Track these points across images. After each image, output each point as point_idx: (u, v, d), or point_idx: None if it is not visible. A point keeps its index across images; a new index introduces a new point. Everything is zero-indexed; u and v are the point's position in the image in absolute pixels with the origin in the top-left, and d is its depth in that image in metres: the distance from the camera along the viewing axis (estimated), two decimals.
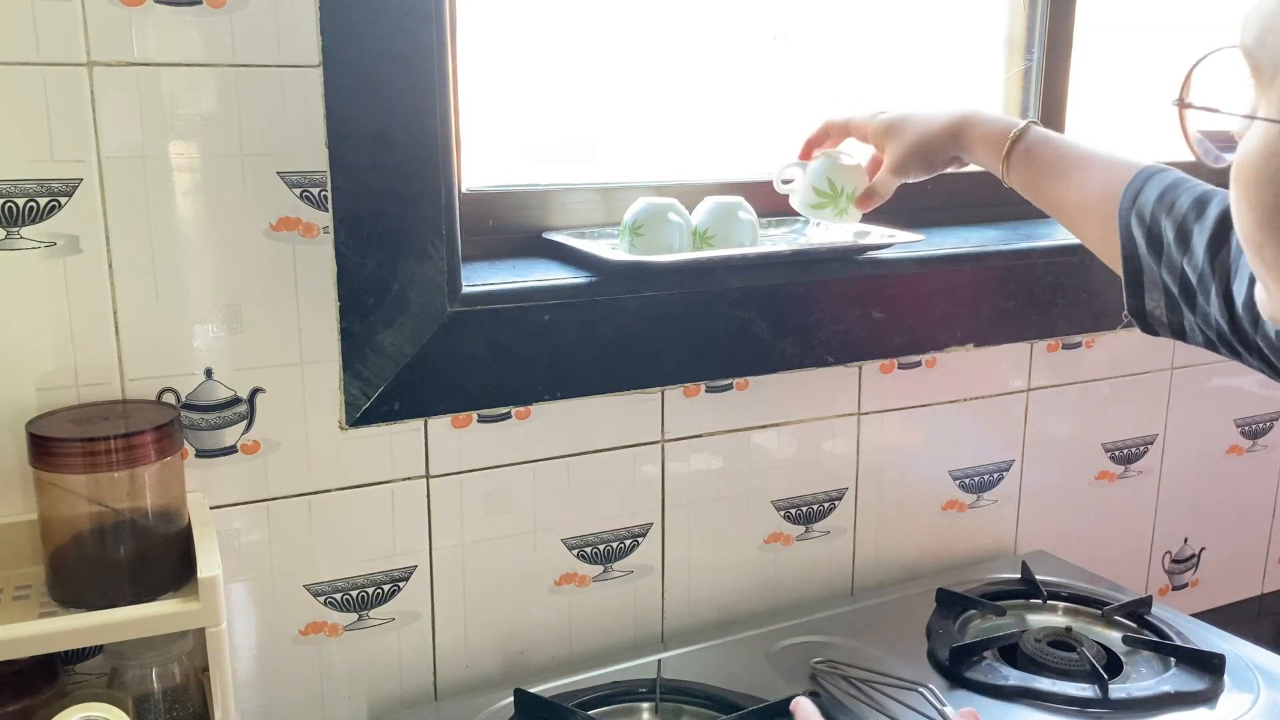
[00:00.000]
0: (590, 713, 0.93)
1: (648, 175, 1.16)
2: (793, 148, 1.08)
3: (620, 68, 1.14)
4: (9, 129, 0.78)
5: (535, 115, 1.11)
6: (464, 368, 0.94)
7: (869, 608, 1.16)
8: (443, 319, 0.92)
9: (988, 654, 1.03)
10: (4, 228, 0.79)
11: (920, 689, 0.96)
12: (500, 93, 1.08)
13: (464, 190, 1.01)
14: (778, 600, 1.17)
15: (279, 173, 0.86)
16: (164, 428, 0.77)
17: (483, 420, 0.99)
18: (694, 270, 1.02)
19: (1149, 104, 1.47)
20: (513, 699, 0.94)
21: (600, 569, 1.07)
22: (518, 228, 1.09)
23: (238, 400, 0.89)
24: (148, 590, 0.76)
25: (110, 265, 0.82)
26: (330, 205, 0.88)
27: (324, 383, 0.91)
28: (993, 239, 1.24)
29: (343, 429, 0.92)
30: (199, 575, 0.73)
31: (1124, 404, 1.35)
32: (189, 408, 0.87)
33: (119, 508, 0.76)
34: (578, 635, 1.08)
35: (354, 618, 0.97)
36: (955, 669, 1.00)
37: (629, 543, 1.08)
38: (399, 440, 0.95)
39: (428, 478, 0.97)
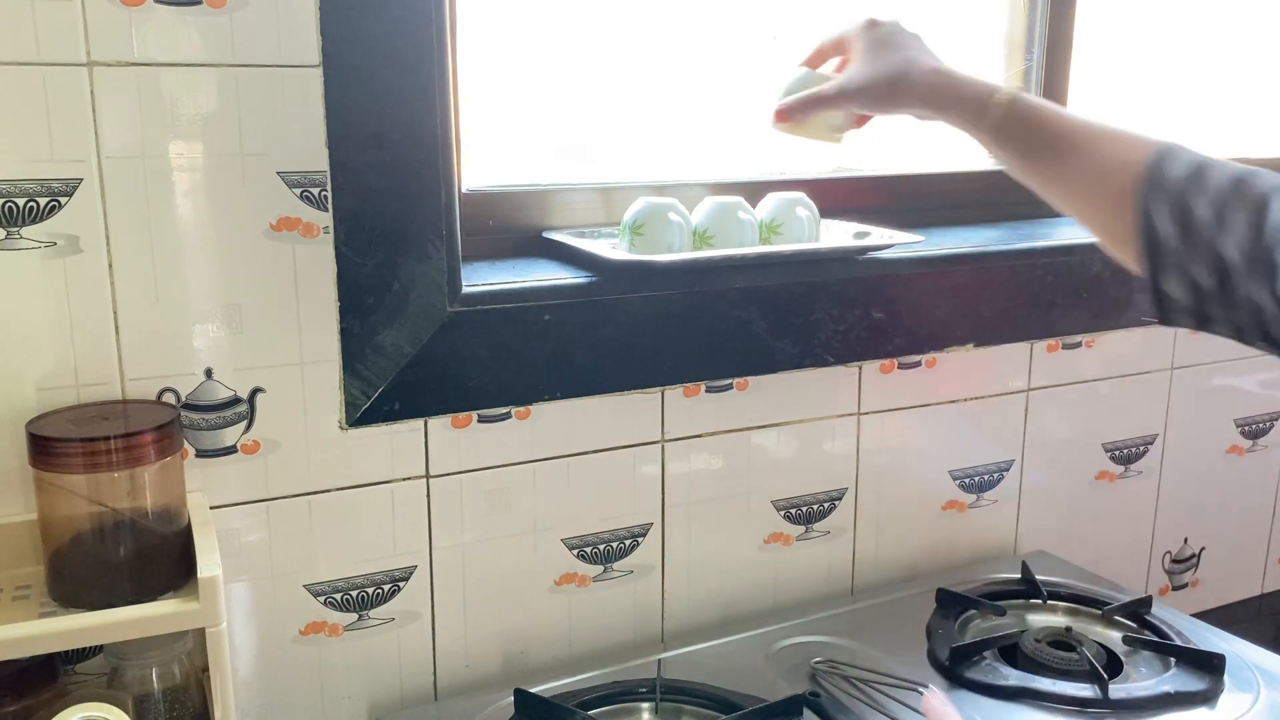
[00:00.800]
0: (590, 713, 0.93)
1: (648, 175, 1.16)
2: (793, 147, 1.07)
3: (620, 68, 1.14)
4: (9, 129, 0.78)
5: (535, 115, 1.11)
6: (464, 368, 0.94)
7: (869, 608, 1.16)
8: (443, 319, 0.92)
9: (988, 654, 1.03)
10: (4, 228, 0.79)
11: (920, 689, 0.96)
12: (500, 93, 1.08)
13: (464, 190, 1.01)
14: (778, 600, 1.17)
15: (279, 173, 0.86)
16: (164, 428, 0.77)
17: (483, 420, 0.99)
18: (694, 270, 1.02)
19: (1149, 104, 1.48)
20: (513, 699, 0.94)
21: (600, 569, 1.07)
22: (518, 228, 1.10)
23: (238, 400, 0.89)
24: (148, 590, 0.76)
25: (110, 265, 0.82)
26: (330, 205, 0.88)
27: (324, 383, 0.91)
28: (993, 239, 1.24)
29: (343, 429, 0.92)
30: (199, 575, 0.73)
31: (1124, 404, 1.35)
32: (189, 408, 0.87)
33: (119, 508, 0.76)
34: (578, 635, 1.08)
35: (354, 618, 0.97)
36: (955, 669, 1.00)
37: (629, 543, 1.08)
38: (399, 440, 0.95)
39: (428, 478, 0.97)
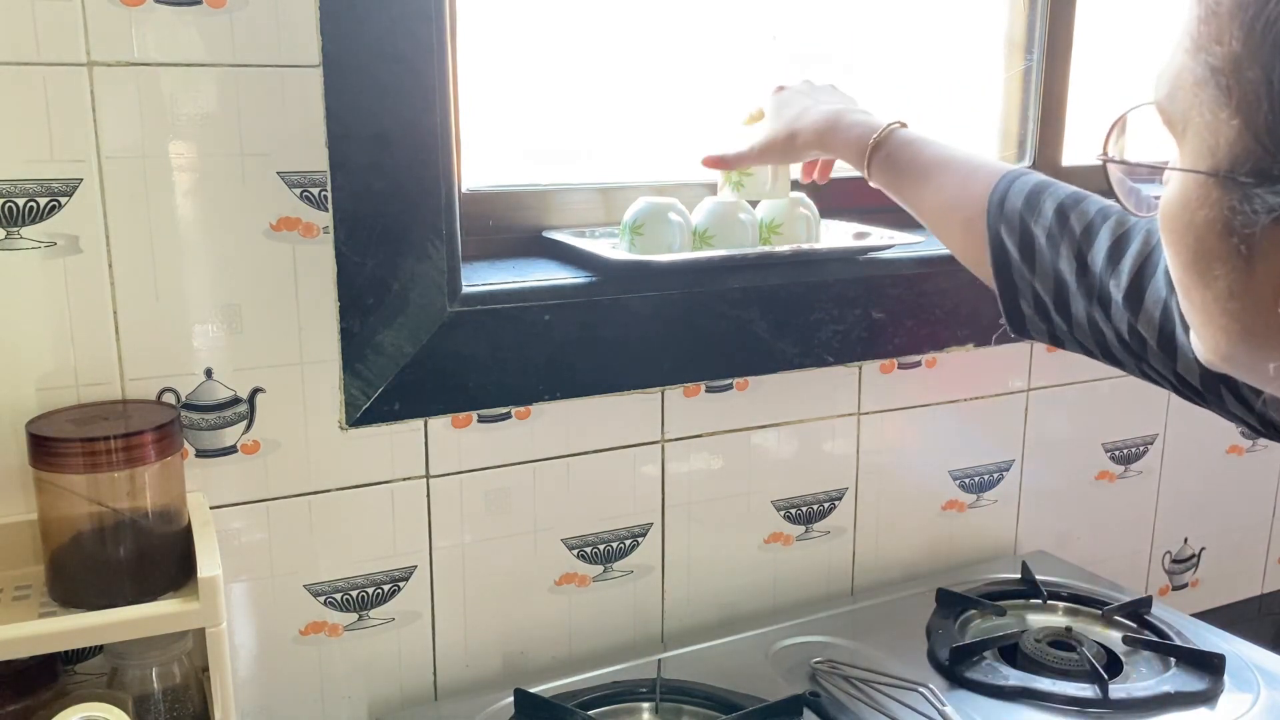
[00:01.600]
0: (590, 713, 0.93)
1: (648, 175, 1.16)
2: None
3: (620, 68, 1.14)
4: (9, 129, 0.78)
5: (536, 115, 1.11)
6: (464, 368, 0.94)
7: (869, 608, 1.16)
8: (443, 319, 0.92)
9: (988, 654, 1.03)
10: (4, 228, 0.79)
11: (920, 689, 0.96)
12: (500, 93, 1.08)
13: (464, 190, 1.01)
14: (778, 600, 1.17)
15: (279, 173, 0.86)
16: (164, 428, 0.77)
17: (483, 420, 0.99)
18: (694, 270, 1.02)
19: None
20: (513, 699, 0.94)
21: (600, 569, 1.07)
22: (518, 228, 1.10)
23: (238, 400, 0.89)
24: (148, 590, 0.76)
25: (110, 265, 0.82)
26: (330, 205, 0.88)
27: (324, 383, 0.91)
28: None
29: (343, 429, 0.92)
30: (199, 575, 0.73)
31: (1124, 404, 1.35)
32: (189, 408, 0.87)
33: (119, 508, 0.76)
34: (578, 635, 1.07)
35: (354, 618, 0.97)
36: (955, 669, 1.00)
37: (629, 543, 1.08)
38: (399, 440, 0.95)
39: (428, 478, 0.97)
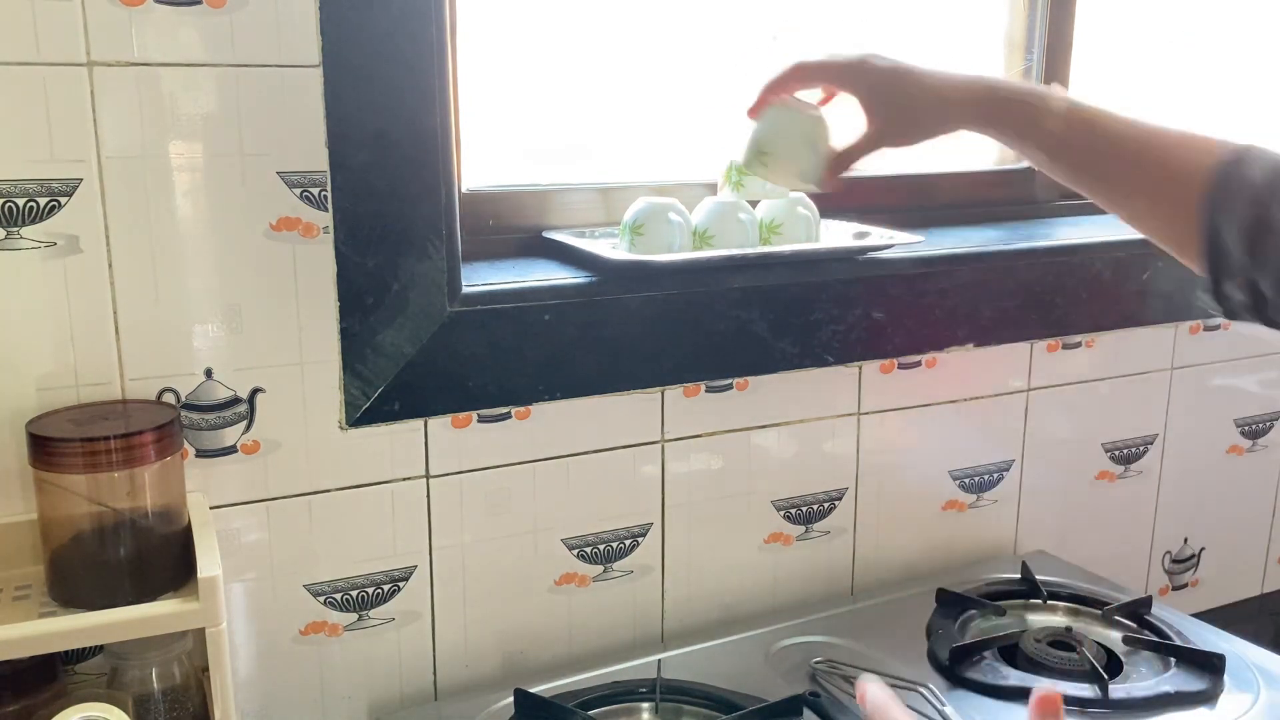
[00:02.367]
0: (590, 713, 0.93)
1: (648, 175, 1.16)
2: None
3: (620, 68, 1.14)
4: (9, 129, 0.78)
5: (536, 115, 1.11)
6: (464, 368, 0.94)
7: (869, 608, 1.15)
8: (443, 319, 0.92)
9: (988, 654, 1.03)
10: (4, 228, 0.79)
11: (920, 689, 0.96)
12: (500, 93, 1.08)
13: (464, 190, 1.01)
14: (778, 600, 1.17)
15: (279, 173, 0.86)
16: (164, 428, 0.77)
17: (483, 420, 0.99)
18: (694, 270, 1.02)
19: (1149, 104, 1.48)
20: (513, 699, 0.94)
21: (600, 569, 1.07)
22: (518, 228, 1.10)
23: (238, 400, 0.89)
24: (148, 590, 0.76)
25: (110, 265, 0.82)
26: (330, 205, 0.88)
27: (324, 383, 0.91)
28: (993, 239, 1.24)
29: (343, 429, 0.92)
30: (199, 575, 0.73)
31: (1124, 404, 1.35)
32: (189, 408, 0.87)
33: (119, 508, 0.76)
34: (578, 635, 1.07)
35: (354, 618, 0.97)
36: (955, 669, 1.00)
37: (629, 543, 1.08)
38: (399, 440, 0.95)
39: (428, 478, 0.97)
